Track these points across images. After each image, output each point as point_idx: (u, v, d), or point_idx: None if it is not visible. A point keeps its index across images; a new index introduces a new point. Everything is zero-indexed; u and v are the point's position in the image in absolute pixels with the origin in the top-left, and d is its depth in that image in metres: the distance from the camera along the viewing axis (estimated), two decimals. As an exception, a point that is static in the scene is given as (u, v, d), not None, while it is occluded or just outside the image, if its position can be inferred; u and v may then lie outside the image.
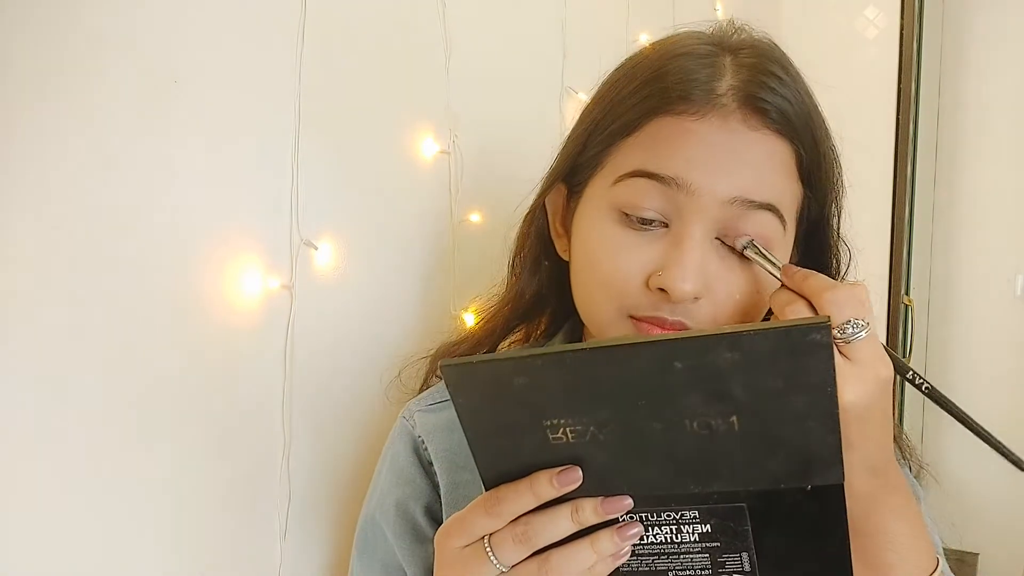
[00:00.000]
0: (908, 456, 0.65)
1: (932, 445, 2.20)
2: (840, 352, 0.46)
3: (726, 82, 0.54)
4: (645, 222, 0.55)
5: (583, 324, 0.65)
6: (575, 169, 0.60)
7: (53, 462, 0.52)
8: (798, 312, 0.49)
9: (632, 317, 0.55)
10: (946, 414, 0.50)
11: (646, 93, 0.55)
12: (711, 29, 0.60)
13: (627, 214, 0.55)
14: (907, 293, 2.01)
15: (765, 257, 0.54)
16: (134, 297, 0.55)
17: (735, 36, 0.59)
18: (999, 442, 0.48)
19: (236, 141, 0.62)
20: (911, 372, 0.50)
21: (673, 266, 0.53)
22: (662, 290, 0.53)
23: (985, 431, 0.49)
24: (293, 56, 0.65)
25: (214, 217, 0.60)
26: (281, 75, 0.65)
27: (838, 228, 0.62)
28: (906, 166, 1.94)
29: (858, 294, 0.47)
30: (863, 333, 0.46)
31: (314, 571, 0.72)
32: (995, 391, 2.24)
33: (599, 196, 0.57)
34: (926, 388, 0.50)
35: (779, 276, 0.52)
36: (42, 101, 0.49)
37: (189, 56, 0.57)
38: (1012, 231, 2.27)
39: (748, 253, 0.54)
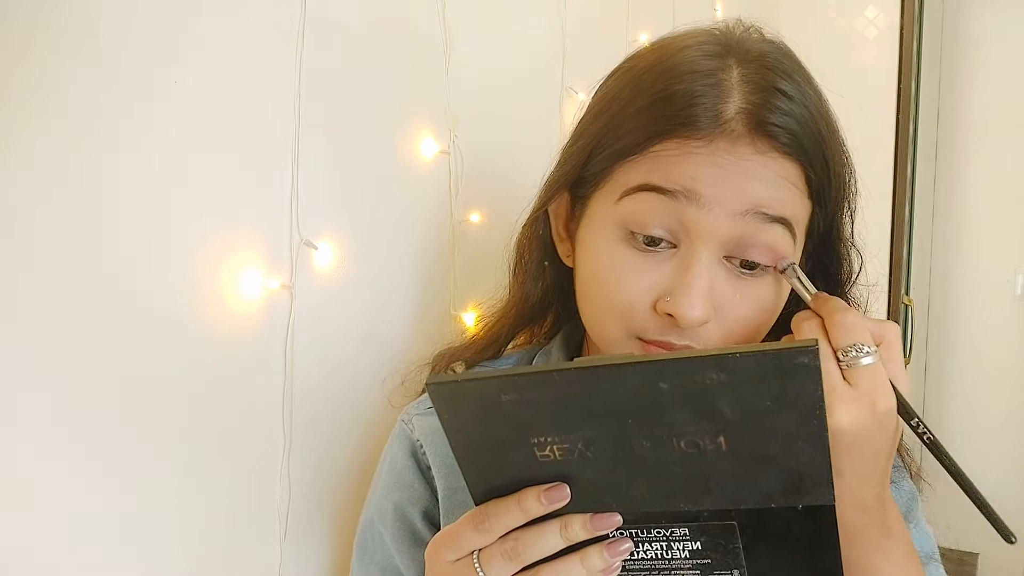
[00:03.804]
0: (905, 460, 0.65)
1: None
2: (843, 375, 0.47)
3: (733, 104, 0.52)
4: (652, 242, 0.54)
5: (582, 336, 0.65)
6: (579, 181, 0.59)
7: (52, 462, 0.52)
8: (811, 328, 0.50)
9: (640, 339, 0.55)
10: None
11: (650, 117, 0.54)
12: (717, 28, 0.58)
13: (633, 232, 0.54)
14: (907, 293, 2.01)
15: (801, 282, 0.54)
16: (133, 297, 0.55)
17: (743, 37, 0.57)
18: (991, 508, 0.48)
19: (236, 141, 0.62)
20: (916, 419, 0.49)
21: (681, 293, 0.52)
22: (670, 314, 0.53)
23: (980, 495, 0.48)
24: (293, 56, 0.65)
25: (214, 217, 0.60)
26: (281, 75, 0.65)
27: (851, 235, 0.62)
28: (906, 166, 1.94)
29: (876, 328, 0.49)
30: (866, 359, 0.47)
31: (314, 572, 0.72)
32: (995, 391, 2.24)
33: (604, 212, 0.56)
34: (928, 438, 0.49)
35: (809, 300, 0.53)
36: (40, 101, 0.49)
37: (189, 56, 0.57)
38: (1012, 231, 2.27)
39: (788, 275, 0.54)
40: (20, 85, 0.48)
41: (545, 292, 0.68)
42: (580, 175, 0.59)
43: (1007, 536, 0.48)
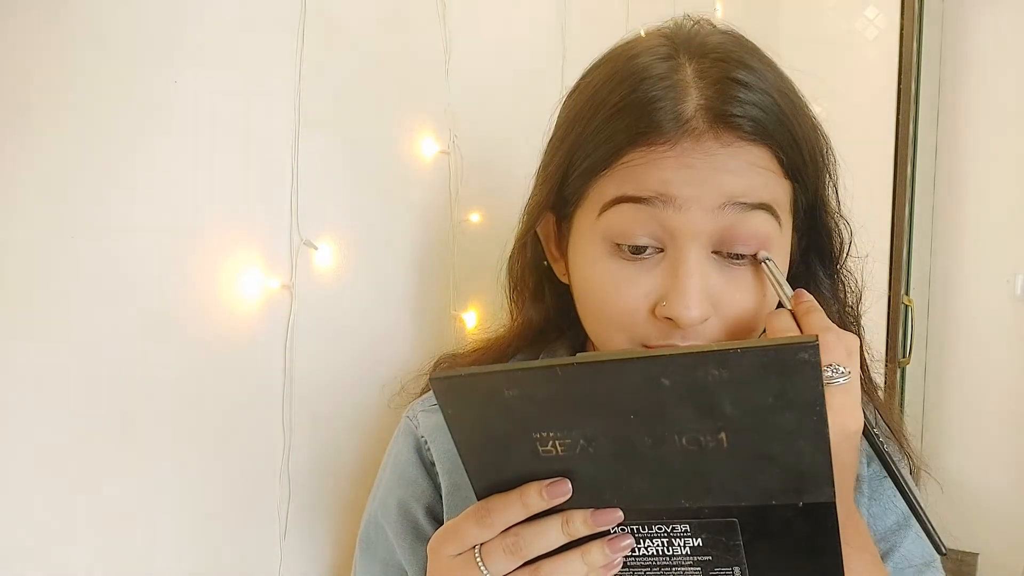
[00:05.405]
0: (911, 457, 0.65)
1: (932, 445, 2.20)
2: None
3: (692, 102, 0.52)
4: (638, 250, 0.54)
5: (586, 336, 0.65)
6: (560, 201, 0.59)
7: (54, 462, 0.52)
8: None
9: (645, 346, 0.55)
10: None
11: (613, 130, 0.54)
12: (667, 28, 0.58)
13: (619, 244, 0.54)
14: (907, 293, 2.01)
15: (775, 277, 0.54)
16: (134, 297, 0.55)
17: (693, 32, 0.56)
18: (928, 520, 0.52)
19: (236, 141, 0.62)
20: (877, 431, 0.53)
21: (676, 295, 0.52)
22: (669, 318, 0.53)
23: (920, 508, 0.52)
24: (293, 56, 0.65)
25: (214, 217, 0.60)
26: (281, 75, 0.65)
27: (838, 206, 0.61)
28: (906, 166, 1.94)
29: (849, 343, 0.50)
30: (841, 380, 0.48)
31: (314, 571, 0.72)
32: (995, 391, 2.24)
33: (588, 229, 0.56)
34: (886, 451, 0.53)
35: (787, 298, 0.54)
36: (41, 101, 0.50)
37: (189, 56, 0.58)
38: (1012, 231, 2.27)
39: (765, 268, 0.55)
40: (21, 86, 0.48)
41: (547, 314, 0.68)
42: (559, 196, 0.59)
43: (938, 548, 0.52)
